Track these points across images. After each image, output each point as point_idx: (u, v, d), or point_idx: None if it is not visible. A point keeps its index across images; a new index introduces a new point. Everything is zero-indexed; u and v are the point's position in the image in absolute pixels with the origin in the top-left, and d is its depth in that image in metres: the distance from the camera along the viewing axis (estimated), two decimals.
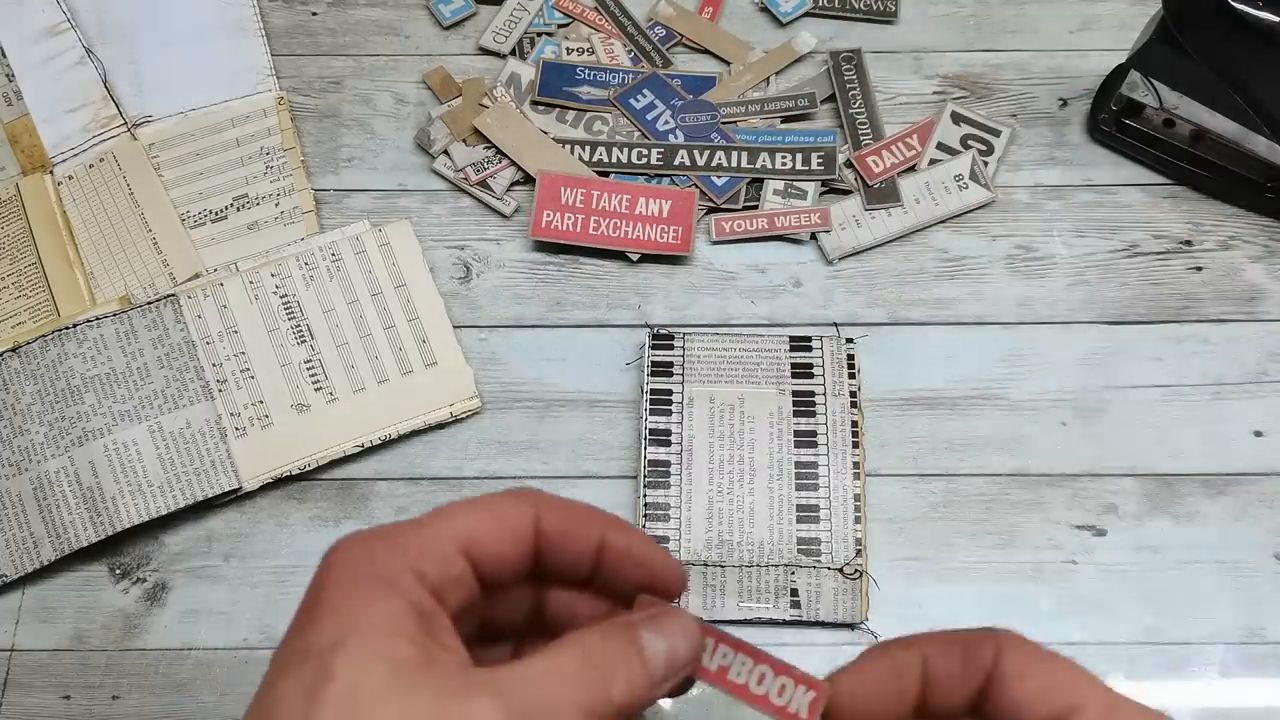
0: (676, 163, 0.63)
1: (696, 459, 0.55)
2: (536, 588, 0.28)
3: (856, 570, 0.52)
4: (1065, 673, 0.24)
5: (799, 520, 0.53)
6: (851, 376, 0.56)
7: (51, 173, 0.62)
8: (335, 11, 0.68)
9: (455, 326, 0.59)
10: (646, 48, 0.66)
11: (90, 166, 0.63)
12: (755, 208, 0.62)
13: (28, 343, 0.57)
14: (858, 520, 0.53)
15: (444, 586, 0.25)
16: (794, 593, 0.52)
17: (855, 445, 0.55)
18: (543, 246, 0.61)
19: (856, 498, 0.54)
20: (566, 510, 0.27)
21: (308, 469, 0.56)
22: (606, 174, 0.62)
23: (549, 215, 0.60)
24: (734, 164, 0.62)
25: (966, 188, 0.62)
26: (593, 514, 0.27)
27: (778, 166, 0.62)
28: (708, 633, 0.27)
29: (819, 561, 0.53)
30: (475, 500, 0.27)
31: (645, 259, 0.61)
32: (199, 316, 0.58)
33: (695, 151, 0.63)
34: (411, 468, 0.56)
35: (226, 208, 0.62)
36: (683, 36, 0.67)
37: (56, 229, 0.61)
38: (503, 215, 0.62)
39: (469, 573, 0.25)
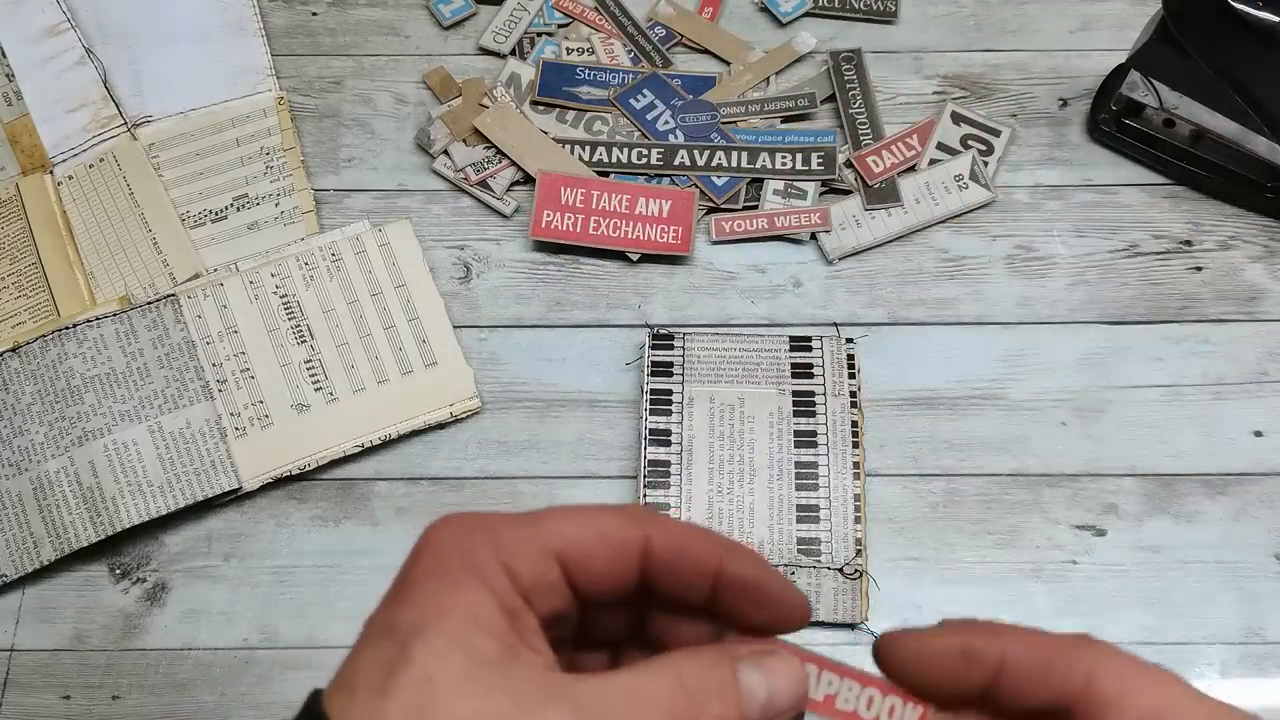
0: (676, 163, 0.63)
1: (696, 459, 0.55)
2: (641, 606, 0.27)
3: (856, 570, 0.52)
4: (1168, 692, 0.22)
5: (799, 520, 0.53)
6: (851, 376, 0.56)
7: (51, 173, 0.62)
8: (335, 11, 0.68)
9: (455, 326, 0.59)
10: (646, 48, 0.66)
11: (90, 166, 0.63)
12: (755, 208, 0.62)
13: (28, 343, 0.57)
14: (858, 520, 0.53)
15: (535, 589, 0.24)
16: None
17: (855, 445, 0.55)
18: (543, 246, 0.61)
19: (856, 498, 0.54)
20: (681, 534, 0.25)
21: (308, 469, 0.55)
22: (606, 174, 0.62)
23: (549, 215, 0.60)
24: (734, 164, 0.62)
25: (966, 188, 0.62)
26: (710, 539, 0.25)
27: (778, 166, 0.62)
28: (812, 660, 0.25)
29: (819, 561, 0.53)
30: (582, 509, 0.25)
31: (645, 259, 0.61)
32: (199, 316, 0.58)
33: (695, 151, 0.63)
34: (411, 468, 0.56)
35: (226, 208, 0.62)
36: (683, 36, 0.67)
37: (56, 229, 0.61)
38: (503, 215, 0.62)
39: (562, 581, 0.24)
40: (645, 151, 0.63)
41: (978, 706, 0.24)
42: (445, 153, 0.63)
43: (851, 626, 0.52)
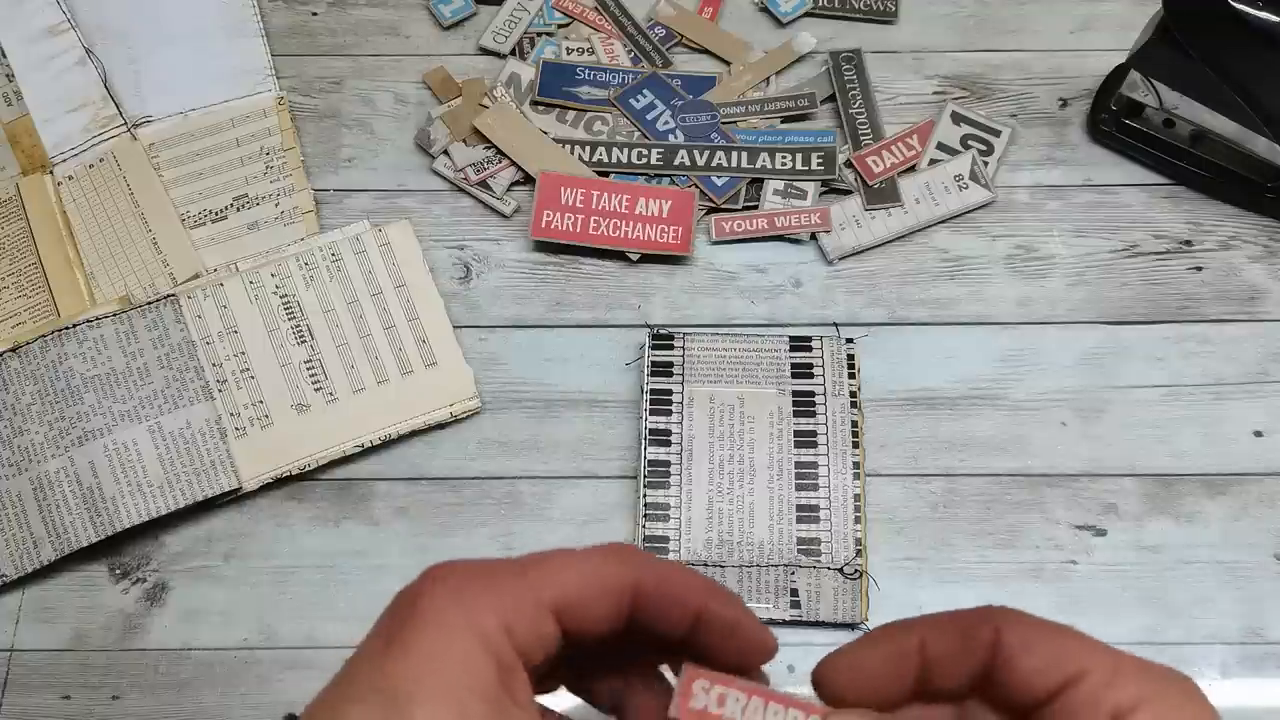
0: (676, 163, 0.63)
1: (696, 459, 0.55)
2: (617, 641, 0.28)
3: (856, 570, 0.52)
4: (1067, 640, 0.23)
5: (799, 520, 0.53)
6: (851, 376, 0.56)
7: (51, 173, 0.62)
8: (335, 11, 0.68)
9: (455, 326, 0.59)
10: (646, 48, 0.66)
11: (90, 166, 0.63)
12: (755, 208, 0.62)
13: (28, 343, 0.57)
14: (858, 520, 0.53)
15: (531, 645, 0.24)
16: (794, 593, 0.52)
17: (855, 445, 0.55)
18: (543, 246, 0.61)
19: (856, 498, 0.54)
20: (668, 575, 0.26)
21: (308, 469, 0.55)
22: (606, 174, 0.62)
23: (549, 215, 0.60)
24: (734, 164, 0.62)
25: (966, 188, 0.62)
26: (695, 580, 0.26)
27: (778, 166, 0.62)
28: (710, 678, 0.26)
29: (819, 561, 0.53)
30: (575, 555, 0.26)
31: (645, 259, 0.61)
32: (199, 316, 0.58)
33: (695, 151, 0.63)
34: (411, 468, 0.56)
35: (226, 208, 0.62)
36: (683, 36, 0.67)
37: (56, 229, 0.61)
38: (503, 215, 0.62)
39: (557, 633, 0.25)
40: (645, 151, 0.63)
41: (950, 699, 0.25)
42: (445, 153, 0.63)
43: (851, 626, 0.52)
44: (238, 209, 0.62)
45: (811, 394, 0.56)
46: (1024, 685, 0.23)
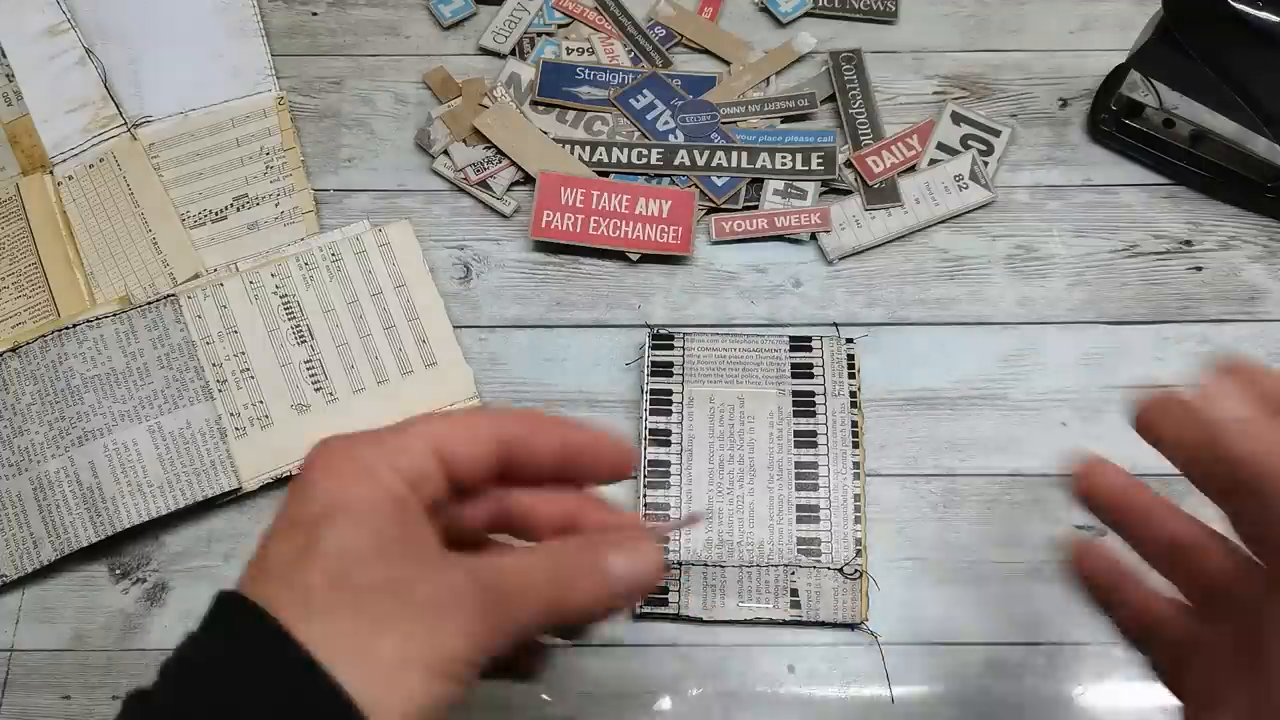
0: (676, 163, 0.63)
1: (696, 459, 0.55)
2: (500, 493, 0.31)
3: (856, 570, 0.52)
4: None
5: (799, 520, 0.53)
6: (851, 376, 0.56)
7: (51, 173, 0.62)
8: (335, 11, 0.68)
9: (455, 326, 0.59)
10: (646, 48, 0.66)
11: (90, 166, 0.63)
12: (755, 208, 0.62)
13: (28, 343, 0.57)
14: (858, 520, 0.53)
15: (417, 480, 0.27)
16: (794, 593, 0.52)
17: (855, 445, 0.55)
18: (543, 246, 0.61)
19: (856, 498, 0.54)
20: (528, 417, 0.30)
21: None
22: (606, 174, 0.62)
23: (549, 215, 0.60)
24: (734, 164, 0.62)
25: (966, 188, 0.62)
26: (548, 419, 0.30)
27: (778, 166, 0.62)
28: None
29: (819, 561, 0.53)
30: (447, 413, 0.30)
31: (645, 259, 0.61)
32: (199, 316, 0.58)
33: (695, 151, 0.63)
34: None
35: (226, 208, 0.62)
36: (683, 36, 0.67)
37: (56, 229, 0.61)
38: (503, 215, 0.62)
39: (439, 471, 0.28)
40: (645, 151, 0.63)
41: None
42: (445, 153, 0.63)
43: (852, 627, 0.52)
44: (238, 209, 0.62)
45: (811, 394, 0.56)
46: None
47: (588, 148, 0.63)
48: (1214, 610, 0.30)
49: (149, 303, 0.58)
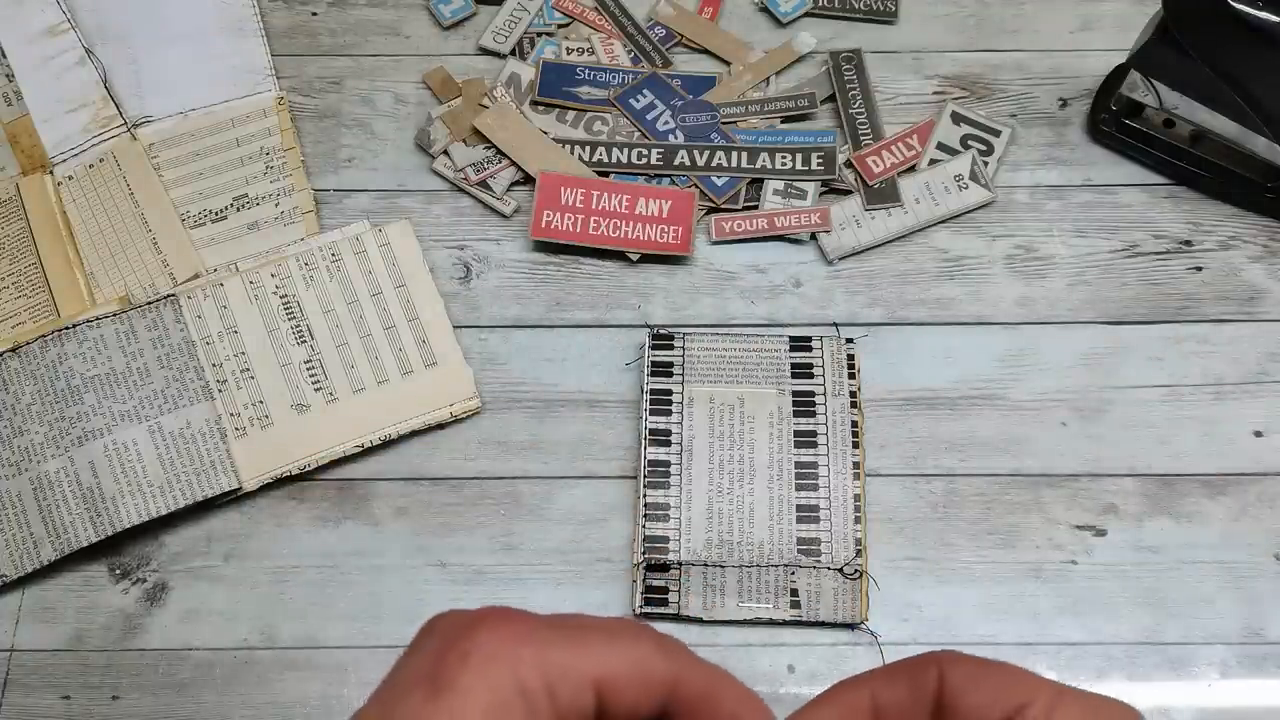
0: (676, 163, 0.63)
1: (696, 459, 0.55)
2: None
3: (856, 570, 0.52)
4: (1009, 675, 0.24)
5: (799, 520, 0.53)
6: (851, 376, 0.56)
7: (51, 173, 0.62)
8: (335, 11, 0.68)
9: (455, 326, 0.59)
10: (646, 48, 0.66)
11: (90, 166, 0.63)
12: (755, 208, 0.62)
13: (28, 343, 0.57)
14: (858, 520, 0.53)
15: (567, 712, 0.25)
16: (794, 593, 0.52)
17: (855, 445, 0.55)
18: (543, 246, 0.61)
19: (856, 498, 0.54)
20: (708, 678, 0.27)
21: (308, 469, 0.55)
22: (606, 174, 0.62)
23: (549, 215, 0.60)
24: (734, 164, 0.62)
25: (966, 188, 0.62)
26: (733, 687, 0.27)
27: (778, 166, 0.62)
28: None
29: (819, 561, 0.53)
30: (621, 632, 0.26)
31: (645, 259, 0.61)
32: (199, 316, 0.58)
33: (695, 151, 0.63)
34: (411, 468, 0.56)
35: (226, 208, 0.62)
36: (683, 36, 0.67)
37: (56, 229, 0.61)
38: (503, 215, 0.62)
39: (593, 708, 0.25)
40: (645, 151, 0.63)
41: None
42: (445, 153, 0.63)
43: (851, 627, 0.52)
44: (238, 209, 0.62)
45: (811, 394, 0.56)
46: None
47: (588, 148, 0.63)
48: None
49: (149, 303, 0.58)
